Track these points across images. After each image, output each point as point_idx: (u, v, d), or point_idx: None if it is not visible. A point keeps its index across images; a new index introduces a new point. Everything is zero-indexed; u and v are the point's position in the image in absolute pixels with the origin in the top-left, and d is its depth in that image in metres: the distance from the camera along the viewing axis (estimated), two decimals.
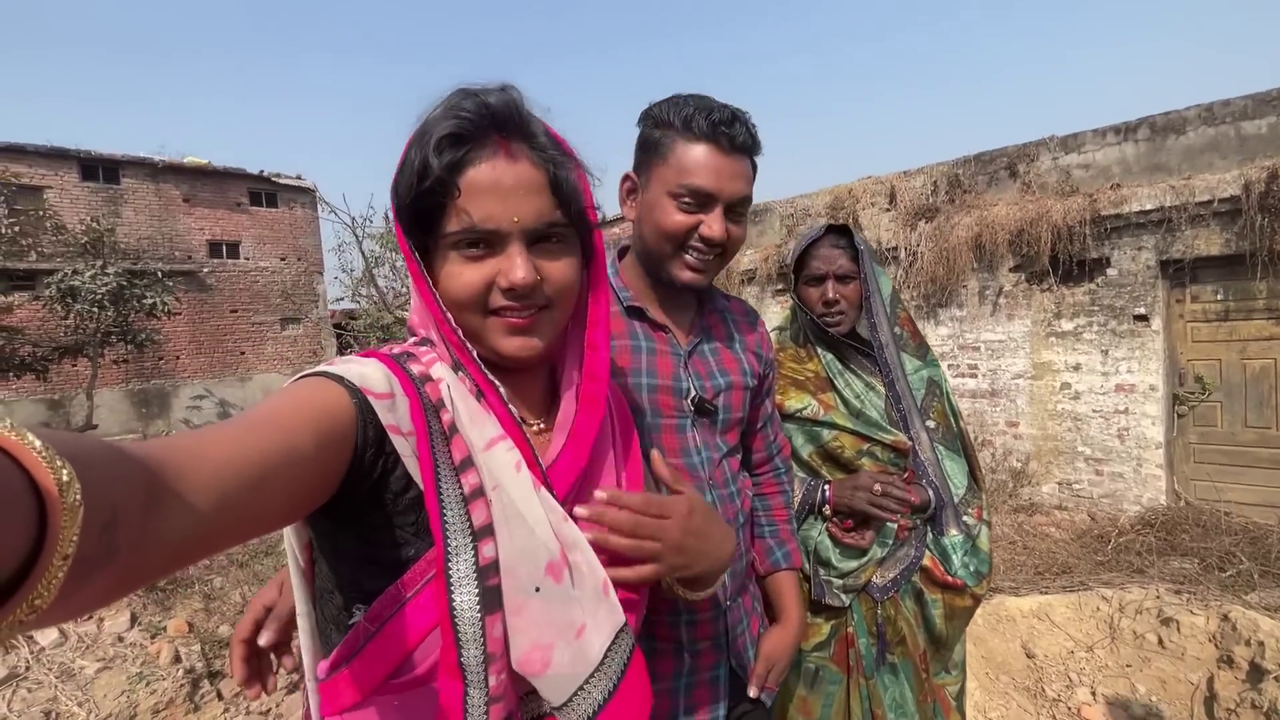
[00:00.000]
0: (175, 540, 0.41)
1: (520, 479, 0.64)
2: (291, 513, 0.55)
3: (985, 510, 1.52)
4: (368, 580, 0.63)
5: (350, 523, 0.62)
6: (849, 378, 1.49)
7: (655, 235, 1.06)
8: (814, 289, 1.47)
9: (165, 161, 14.36)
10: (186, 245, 14.87)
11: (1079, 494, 5.54)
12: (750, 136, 1.03)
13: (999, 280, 5.84)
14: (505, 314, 0.68)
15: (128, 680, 2.90)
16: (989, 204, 5.89)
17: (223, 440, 0.47)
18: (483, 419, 0.66)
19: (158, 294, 10.78)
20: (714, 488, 1.09)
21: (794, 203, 7.33)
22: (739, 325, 1.23)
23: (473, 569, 0.60)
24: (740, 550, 1.12)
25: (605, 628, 0.66)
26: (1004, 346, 5.89)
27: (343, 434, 0.57)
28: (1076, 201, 5.31)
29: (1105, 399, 5.38)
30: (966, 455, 1.53)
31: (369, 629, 0.62)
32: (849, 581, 1.37)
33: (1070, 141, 5.58)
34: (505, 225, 0.65)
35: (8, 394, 12.08)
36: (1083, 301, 5.45)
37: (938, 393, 1.52)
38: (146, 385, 14.12)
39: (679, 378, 1.09)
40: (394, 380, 0.63)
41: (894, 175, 6.57)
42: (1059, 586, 3.56)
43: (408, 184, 0.65)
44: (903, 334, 1.52)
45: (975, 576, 1.43)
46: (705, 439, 1.10)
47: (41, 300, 10.45)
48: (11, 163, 12.06)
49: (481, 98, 0.65)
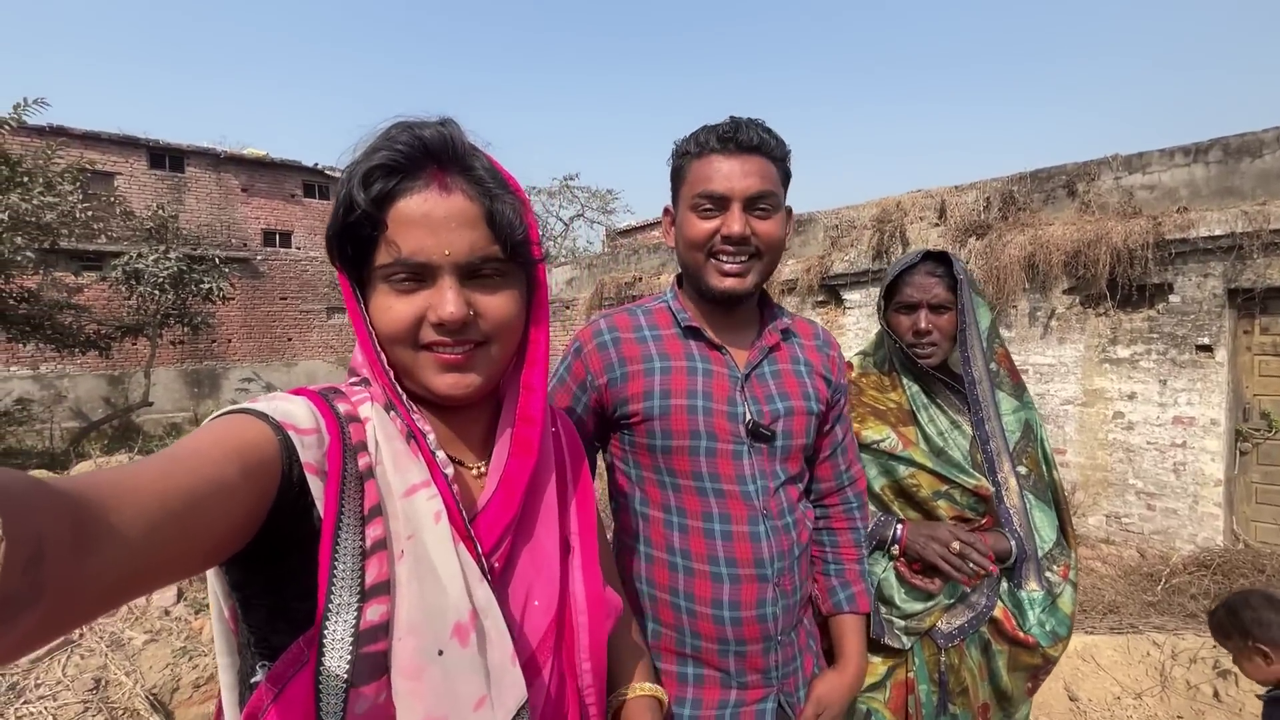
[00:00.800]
0: (106, 578, 0.38)
1: (438, 530, 0.61)
2: (220, 548, 0.52)
3: (1073, 570, 1.40)
4: (274, 635, 0.59)
5: (262, 569, 0.58)
6: (934, 413, 1.41)
7: (686, 249, 1.09)
8: (905, 317, 1.40)
9: (226, 152, 14.96)
10: (242, 233, 15.46)
11: (1128, 528, 5.30)
12: (759, 135, 1.04)
13: (1051, 302, 5.64)
14: (437, 349, 0.66)
15: (172, 654, 3.02)
16: (1044, 223, 5.69)
17: (148, 474, 0.45)
18: (407, 463, 0.63)
19: (214, 279, 11.21)
20: (768, 518, 1.06)
21: (839, 213, 7.22)
22: (805, 347, 1.20)
23: (350, 632, 0.55)
24: (796, 584, 1.09)
25: (508, 701, 0.61)
26: (1054, 370, 5.68)
27: (268, 468, 0.55)
28: (1139, 224, 5.09)
29: (1161, 431, 5.14)
30: (1058, 508, 1.43)
31: (271, 691, 0.56)
32: (912, 624, 1.30)
33: (1135, 161, 5.36)
34: (435, 258, 0.63)
35: (74, 368, 12.75)
36: (1141, 328, 5.22)
37: (1032, 437, 1.43)
38: (199, 366, 14.71)
39: (734, 401, 1.07)
40: (319, 418, 0.60)
41: (944, 189, 6.41)
42: (1105, 627, 3.41)
43: (334, 215, 0.64)
44: (999, 371, 1.43)
45: (1050, 637, 1.33)
46: (762, 466, 1.07)
47: (108, 281, 10.99)
48: (87, 149, 12.73)
49: (416, 131, 0.64)
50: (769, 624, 1.04)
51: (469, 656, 0.59)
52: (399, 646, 0.56)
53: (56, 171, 8.03)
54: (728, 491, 1.04)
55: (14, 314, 8.36)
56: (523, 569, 0.70)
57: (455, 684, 0.58)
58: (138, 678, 2.88)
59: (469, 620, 0.59)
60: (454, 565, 0.60)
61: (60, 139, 10.68)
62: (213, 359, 14.94)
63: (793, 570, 1.08)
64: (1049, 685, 2.85)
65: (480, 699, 0.59)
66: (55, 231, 7.79)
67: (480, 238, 0.65)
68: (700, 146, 1.06)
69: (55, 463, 6.88)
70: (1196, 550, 4.83)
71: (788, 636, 1.08)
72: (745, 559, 1.03)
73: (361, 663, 0.55)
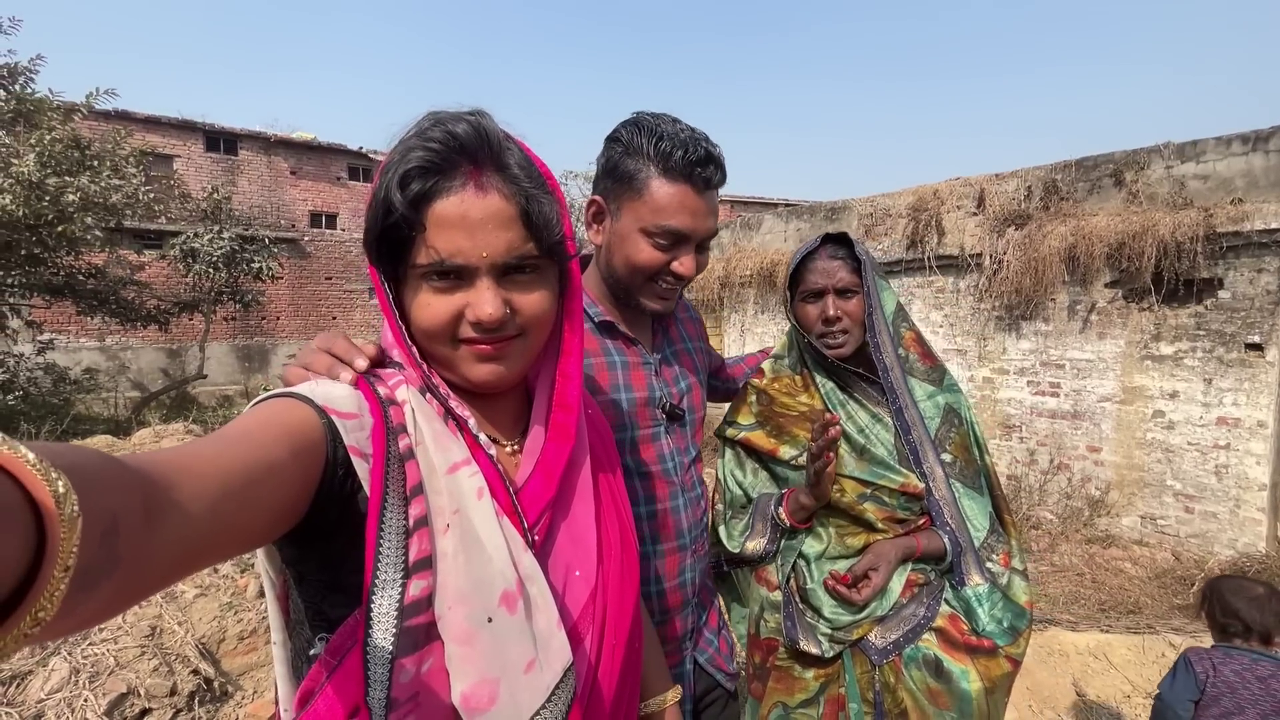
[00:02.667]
0: (174, 549, 0.41)
1: (482, 505, 0.64)
2: (274, 526, 0.54)
3: (1016, 556, 1.30)
4: (332, 609, 0.61)
5: (315, 546, 0.60)
6: (852, 409, 1.31)
7: (627, 268, 1.06)
8: (812, 306, 1.30)
9: (277, 136, 15.48)
10: (291, 215, 16.02)
11: (1164, 530, 5.15)
12: (722, 174, 1.03)
13: (1092, 295, 5.46)
14: (475, 344, 0.67)
15: (219, 608, 3.26)
16: (1087, 213, 5.50)
17: (205, 454, 0.47)
18: (448, 442, 0.65)
19: (264, 259, 11.70)
20: (685, 490, 1.15)
21: (873, 201, 7.09)
22: (683, 322, 1.29)
23: (395, 606, 0.58)
24: (706, 548, 1.21)
25: (555, 664, 0.64)
26: (1091, 366, 5.51)
27: (314, 449, 0.57)
28: (1189, 215, 4.88)
29: (1204, 431, 4.95)
30: (992, 493, 1.33)
31: (330, 663, 0.59)
32: (839, 634, 1.21)
33: (1188, 149, 5.11)
34: (473, 260, 0.64)
35: (136, 341, 13.52)
36: (1186, 324, 5.02)
37: (956, 422, 1.32)
38: (250, 342, 15.40)
39: (652, 388, 1.13)
40: (361, 401, 0.62)
41: (984, 177, 6.24)
42: (1122, 626, 3.36)
43: (373, 217, 0.64)
44: (909, 355, 1.33)
45: (1009, 633, 1.21)
46: (677, 444, 1.16)
47: (167, 259, 11.60)
48: (149, 133, 13.36)
49: (449, 126, 0.63)
50: (687, 589, 1.14)
51: (517, 623, 0.61)
52: (449, 615, 0.59)
53: (123, 156, 8.49)
54: (652, 473, 1.11)
55: (83, 289, 8.94)
56: (562, 543, 0.73)
57: (505, 649, 0.60)
58: (189, 627, 3.13)
59: (516, 589, 0.62)
60: (498, 537, 0.63)
61: (125, 123, 11.26)
62: (262, 335, 15.61)
63: (703, 535, 1.19)
64: (1056, 679, 2.84)
65: (530, 661, 0.62)
66: (120, 212, 8.25)
67: (516, 237, 0.65)
68: (667, 168, 0.99)
69: (119, 429, 7.37)
70: (1236, 556, 4.68)
71: (698, 597, 1.19)
72: (668, 533, 1.11)
73: (405, 636, 0.58)
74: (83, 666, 2.52)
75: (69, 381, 9.28)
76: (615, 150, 1.04)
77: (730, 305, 8.46)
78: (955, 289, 6.37)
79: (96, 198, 7.42)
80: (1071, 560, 4.54)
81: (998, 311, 6.03)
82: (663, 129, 1.00)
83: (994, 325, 6.09)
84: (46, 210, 6.86)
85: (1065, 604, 3.74)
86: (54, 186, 6.85)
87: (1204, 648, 1.72)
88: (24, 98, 7.44)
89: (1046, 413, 5.78)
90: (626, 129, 1.04)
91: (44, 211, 6.84)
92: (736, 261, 8.26)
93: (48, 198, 6.83)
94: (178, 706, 2.57)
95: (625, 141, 1.03)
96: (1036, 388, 5.84)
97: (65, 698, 2.39)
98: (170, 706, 2.56)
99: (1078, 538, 5.05)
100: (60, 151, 7.19)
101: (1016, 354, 5.95)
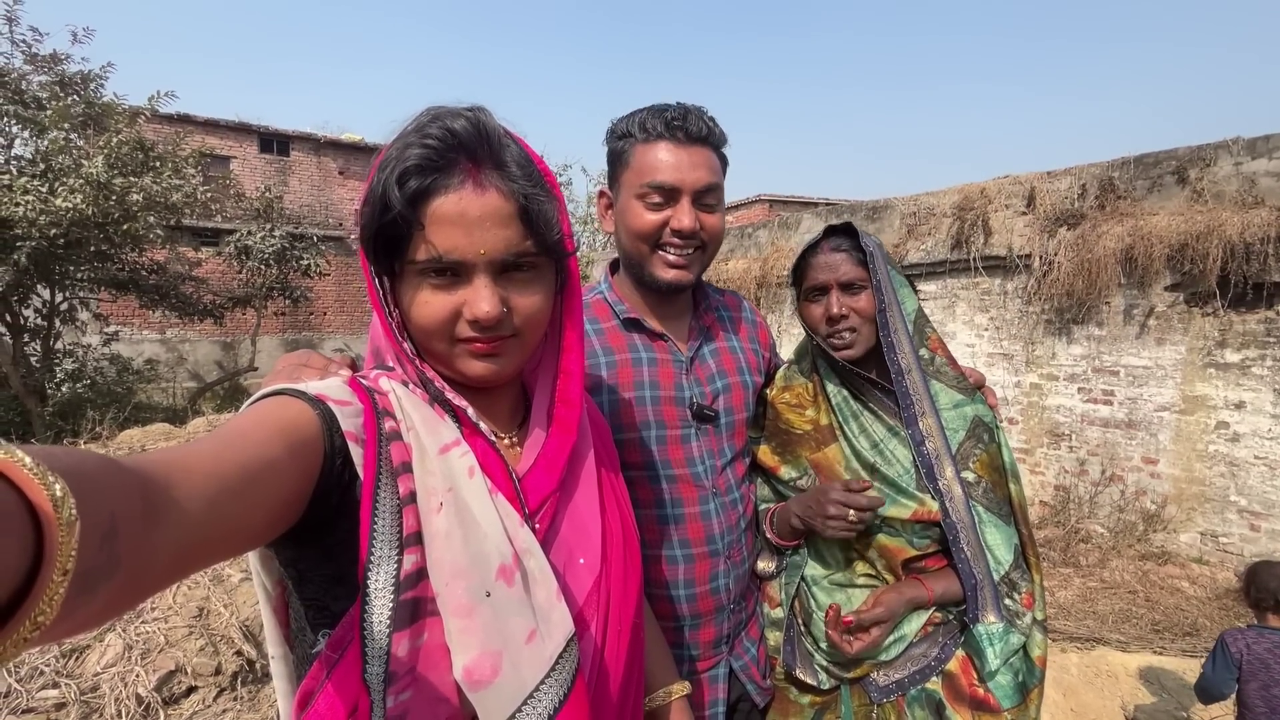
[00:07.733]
0: (174, 549, 0.41)
1: (474, 483, 0.64)
2: (273, 523, 0.54)
3: (1039, 603, 1.15)
4: (335, 601, 0.61)
5: (316, 541, 0.60)
6: (866, 421, 1.19)
7: (630, 239, 1.07)
8: (817, 305, 1.20)
9: (327, 137, 16.03)
10: (339, 213, 16.54)
11: (1226, 549, 4.86)
12: (706, 126, 1.02)
13: (1150, 299, 5.19)
14: (472, 342, 0.68)
15: None
16: (1147, 212, 5.22)
17: (203, 454, 0.47)
18: (437, 425, 0.66)
19: (313, 256, 12.11)
20: (717, 495, 1.11)
21: (917, 200, 6.90)
22: (734, 321, 1.24)
23: (392, 581, 0.58)
24: (744, 554, 1.15)
25: (556, 635, 0.64)
26: (1149, 374, 5.24)
27: (311, 443, 0.57)
28: (1260, 215, 4.58)
29: (1273, 445, 4.65)
30: (1017, 527, 1.18)
31: (332, 658, 0.59)
32: (836, 669, 1.15)
33: (1260, 145, 4.81)
34: (470, 257, 0.64)
35: (193, 334, 14.17)
36: (1255, 331, 4.73)
37: (985, 438, 1.17)
38: (298, 336, 15.96)
39: (681, 386, 1.10)
40: (352, 391, 0.64)
41: (1035, 175, 5.99)
42: (1178, 649, 3.18)
43: (370, 214, 0.64)
44: (934, 358, 1.19)
45: (1018, 692, 1.08)
46: (709, 446, 1.12)
47: (222, 256, 12.09)
48: (207, 135, 13.99)
49: (448, 123, 0.63)
50: (721, 595, 1.10)
51: (516, 595, 0.62)
52: (448, 591, 0.59)
53: (183, 157, 8.91)
54: (678, 476, 1.08)
55: (146, 284, 9.42)
56: (566, 531, 0.73)
57: (506, 621, 0.61)
58: (234, 610, 3.25)
59: (513, 562, 0.63)
60: (492, 513, 0.63)
61: (186, 126, 11.79)
62: (310, 330, 16.16)
63: (740, 541, 1.14)
64: (1103, 701, 2.71)
65: (531, 632, 0.62)
66: (180, 211, 8.65)
67: (514, 235, 0.65)
68: (646, 132, 1.02)
69: (176, 417, 7.74)
70: None
71: (739, 604, 1.14)
72: (698, 538, 1.08)
73: (401, 609, 0.58)
74: (135, 643, 2.65)
75: (131, 371, 9.79)
76: (609, 140, 1.10)
77: (767, 306, 8.35)
78: (1002, 291, 6.14)
79: (158, 197, 7.79)
80: (1123, 577, 4.33)
81: (1047, 315, 5.78)
82: (645, 107, 1.06)
83: (1043, 329, 5.85)
84: (113, 209, 7.25)
85: (1115, 622, 3.56)
86: (120, 186, 7.22)
87: (1239, 628, 1.91)
88: (93, 102, 7.88)
89: (1099, 421, 5.52)
90: (617, 120, 1.08)
91: (111, 210, 7.23)
92: (774, 261, 8.15)
93: (114, 197, 7.20)
94: (221, 686, 2.68)
95: (615, 129, 1.08)
96: (1088, 395, 5.59)
97: (119, 672, 2.52)
98: (215, 685, 2.67)
99: (1130, 553, 4.81)
100: (126, 153, 7.59)
101: (1067, 359, 5.70)
